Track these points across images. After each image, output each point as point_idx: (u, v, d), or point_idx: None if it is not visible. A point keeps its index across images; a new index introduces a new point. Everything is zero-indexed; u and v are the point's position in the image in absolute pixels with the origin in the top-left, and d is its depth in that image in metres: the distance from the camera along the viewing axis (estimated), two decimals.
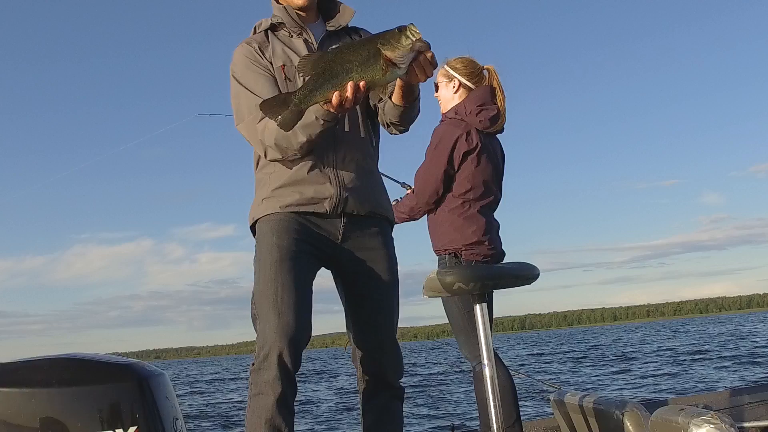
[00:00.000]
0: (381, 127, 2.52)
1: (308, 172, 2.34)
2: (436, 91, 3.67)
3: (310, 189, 2.34)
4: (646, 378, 11.70)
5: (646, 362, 16.36)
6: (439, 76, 3.64)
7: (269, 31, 2.48)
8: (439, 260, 3.44)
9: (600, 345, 28.15)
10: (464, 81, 3.57)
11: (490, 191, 3.47)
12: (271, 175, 2.40)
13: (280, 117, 2.13)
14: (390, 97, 2.34)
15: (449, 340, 3.50)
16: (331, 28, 2.48)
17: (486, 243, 3.37)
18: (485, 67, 3.63)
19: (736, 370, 12.03)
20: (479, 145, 3.41)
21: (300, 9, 2.46)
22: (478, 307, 2.88)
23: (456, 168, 3.40)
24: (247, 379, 2.25)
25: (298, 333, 2.16)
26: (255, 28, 2.53)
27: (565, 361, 16.81)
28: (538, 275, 2.96)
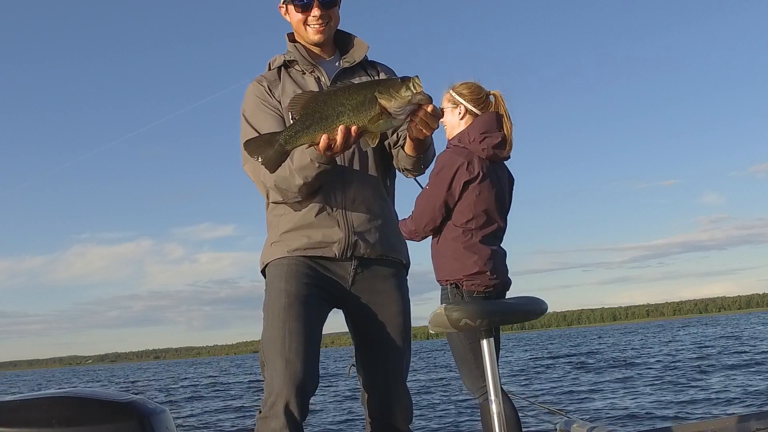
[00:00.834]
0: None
1: (316, 216, 2.31)
2: (441, 116, 3.60)
3: (319, 233, 2.30)
4: (649, 392, 11.62)
5: (648, 368, 16.32)
6: (444, 102, 3.58)
7: (282, 68, 2.45)
8: (441, 290, 3.39)
9: (599, 350, 28.05)
10: (470, 107, 3.52)
11: (493, 221, 3.41)
12: (280, 217, 2.38)
13: (264, 157, 2.09)
14: (402, 146, 2.31)
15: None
16: (346, 64, 2.45)
17: (488, 273, 3.32)
18: (491, 92, 3.58)
19: (740, 380, 11.98)
20: (481, 174, 3.35)
21: (315, 45, 2.43)
22: (485, 343, 2.85)
23: (456, 197, 3.35)
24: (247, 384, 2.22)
25: (306, 381, 2.14)
26: (269, 64, 2.50)
27: (565, 374, 16.70)
28: (546, 310, 2.92)
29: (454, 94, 3.56)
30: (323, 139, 2.00)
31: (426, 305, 2.57)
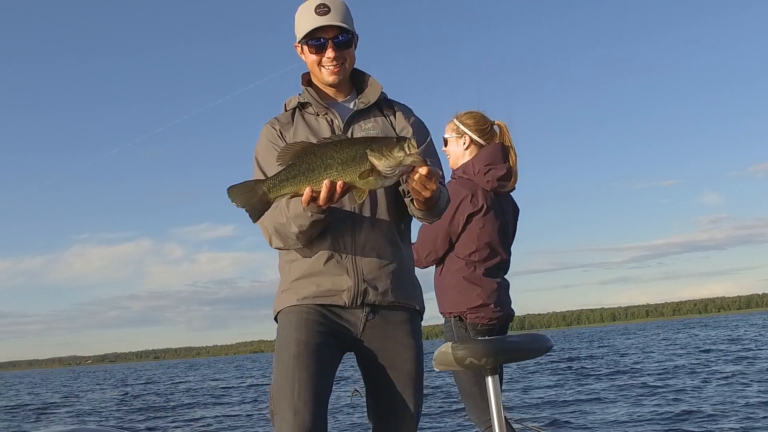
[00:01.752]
0: None
1: (325, 263, 2.30)
2: (445, 145, 3.58)
3: (328, 281, 2.29)
4: (645, 405, 11.59)
5: (649, 374, 16.32)
6: (449, 131, 3.57)
7: (297, 110, 2.45)
8: (444, 322, 3.39)
9: (597, 355, 28.01)
10: (475, 137, 3.50)
11: (496, 253, 3.40)
12: (291, 264, 2.37)
13: (247, 204, 2.07)
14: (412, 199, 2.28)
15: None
16: (361, 105, 2.42)
17: (492, 306, 3.32)
18: (496, 122, 3.58)
19: (742, 390, 11.96)
20: (485, 206, 3.35)
21: (330, 86, 2.42)
22: (489, 380, 2.87)
23: (459, 229, 3.34)
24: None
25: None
26: (285, 105, 2.50)
27: (559, 383, 16.65)
28: (550, 347, 2.93)
29: (458, 123, 3.54)
30: (307, 191, 2.00)
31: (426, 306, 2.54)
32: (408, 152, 1.95)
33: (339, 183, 1.98)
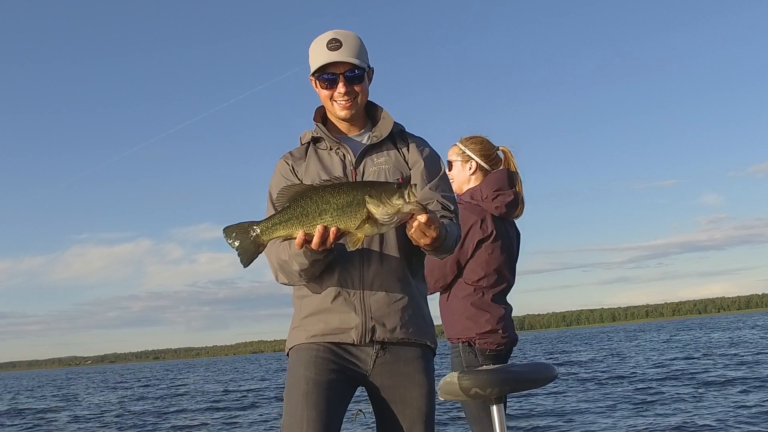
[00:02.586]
0: None
1: (332, 301, 2.29)
2: (450, 169, 3.56)
3: (336, 318, 2.28)
4: (648, 415, 11.57)
5: (649, 379, 16.30)
6: (454, 155, 3.56)
7: (311, 144, 2.44)
8: (451, 347, 3.39)
9: (596, 360, 27.98)
10: (481, 163, 3.50)
11: (504, 278, 3.41)
12: (302, 300, 2.38)
13: (240, 245, 2.05)
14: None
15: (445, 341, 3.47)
16: (374, 139, 2.41)
17: (500, 332, 3.32)
18: (500, 148, 3.58)
19: (745, 399, 11.94)
20: (494, 232, 3.35)
21: (343, 120, 2.42)
22: (494, 408, 2.89)
23: (469, 255, 3.34)
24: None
25: None
26: (300, 139, 2.49)
27: (557, 391, 16.63)
28: (555, 377, 2.95)
29: (464, 148, 3.53)
30: (299, 235, 1.99)
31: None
32: (407, 200, 1.92)
33: (332, 229, 1.97)
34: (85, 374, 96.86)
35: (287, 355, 2.40)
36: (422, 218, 1.97)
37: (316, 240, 1.99)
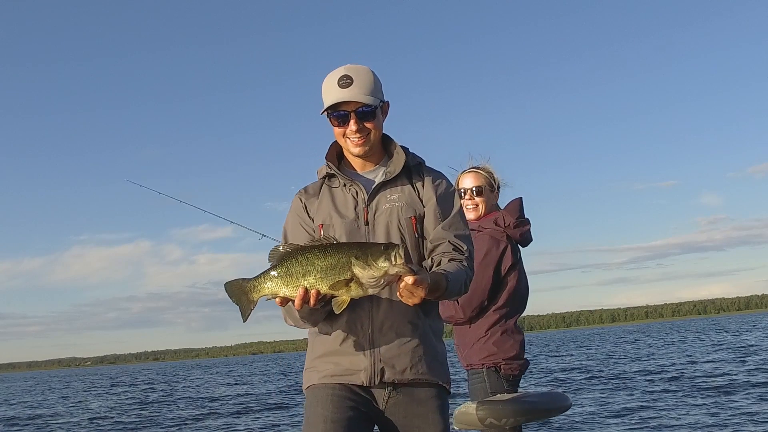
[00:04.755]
0: None
1: (341, 343, 2.30)
2: (480, 194, 3.55)
3: (346, 360, 2.29)
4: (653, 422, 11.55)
5: (650, 383, 16.31)
6: (481, 181, 3.56)
7: (326, 179, 2.45)
8: (471, 374, 3.39)
9: (597, 366, 27.97)
10: (497, 193, 3.62)
11: (524, 305, 3.51)
12: (315, 338, 2.39)
13: (238, 301, 2.15)
14: None
15: (449, 341, 3.50)
16: (389, 175, 2.40)
17: (522, 357, 3.40)
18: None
19: (748, 406, 11.92)
20: (519, 259, 3.46)
21: (357, 156, 2.42)
22: None
23: (501, 281, 3.40)
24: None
25: None
26: (318, 173, 2.49)
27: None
28: (569, 406, 2.97)
29: (492, 175, 3.60)
30: (279, 298, 2.06)
31: None
32: (393, 262, 1.93)
33: (312, 292, 2.00)
34: (84, 375, 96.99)
35: (304, 392, 2.41)
36: (409, 280, 1.97)
37: (297, 302, 2.03)
